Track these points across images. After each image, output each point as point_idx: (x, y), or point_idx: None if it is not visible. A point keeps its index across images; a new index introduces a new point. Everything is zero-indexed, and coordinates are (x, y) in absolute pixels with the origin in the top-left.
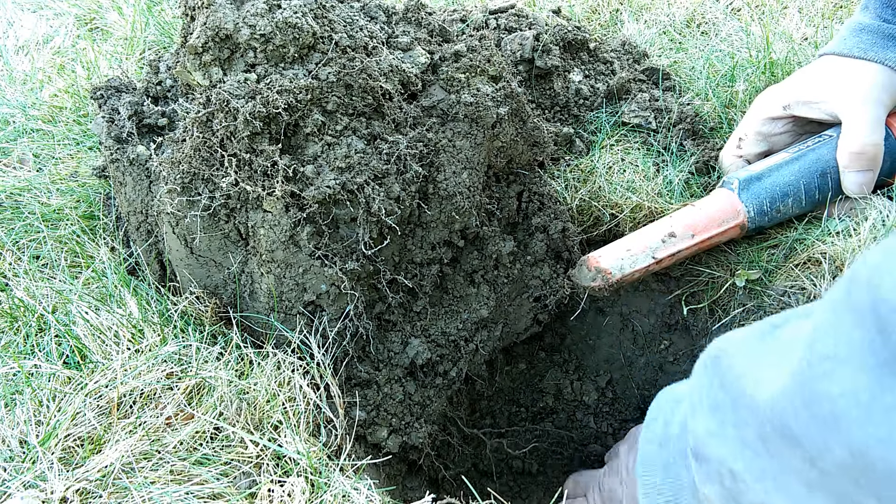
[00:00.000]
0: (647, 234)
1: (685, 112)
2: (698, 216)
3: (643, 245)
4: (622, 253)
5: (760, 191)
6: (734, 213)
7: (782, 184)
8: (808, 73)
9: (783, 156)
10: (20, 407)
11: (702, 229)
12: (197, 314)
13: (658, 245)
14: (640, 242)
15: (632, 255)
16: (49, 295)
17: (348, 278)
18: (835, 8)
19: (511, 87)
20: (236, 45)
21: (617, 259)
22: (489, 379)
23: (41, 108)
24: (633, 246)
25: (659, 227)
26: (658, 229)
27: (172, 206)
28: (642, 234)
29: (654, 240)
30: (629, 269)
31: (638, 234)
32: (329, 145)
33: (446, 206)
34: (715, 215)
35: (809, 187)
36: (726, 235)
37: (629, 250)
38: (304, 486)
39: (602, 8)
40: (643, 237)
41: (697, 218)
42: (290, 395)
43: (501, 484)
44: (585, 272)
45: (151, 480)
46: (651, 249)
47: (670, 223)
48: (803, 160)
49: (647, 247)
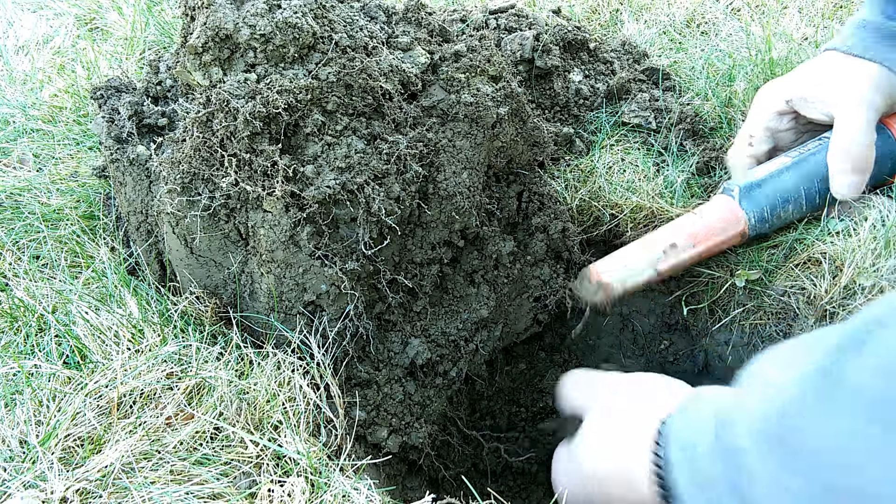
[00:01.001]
0: (648, 244)
1: (685, 112)
2: (699, 225)
3: (645, 257)
4: (624, 267)
5: (761, 198)
6: (735, 220)
7: (783, 190)
8: (809, 69)
9: (783, 160)
10: (20, 407)
11: (703, 238)
12: (197, 314)
13: (659, 257)
14: (641, 254)
15: (633, 269)
16: (49, 295)
17: (348, 278)
18: (835, 8)
19: (511, 87)
20: (236, 45)
21: (619, 273)
22: (489, 379)
23: (41, 108)
24: (635, 258)
25: (660, 236)
26: (659, 239)
27: (172, 206)
28: (643, 246)
29: (655, 251)
30: (631, 284)
31: (639, 244)
32: (329, 145)
33: (446, 206)
34: (716, 224)
35: (810, 192)
36: (727, 244)
37: (631, 264)
38: (304, 486)
39: (602, 8)
40: (644, 249)
41: (698, 227)
42: (290, 395)
43: (501, 484)
44: (587, 286)
45: (151, 480)
46: (653, 262)
47: (671, 233)
48: (804, 165)
49: (649, 259)
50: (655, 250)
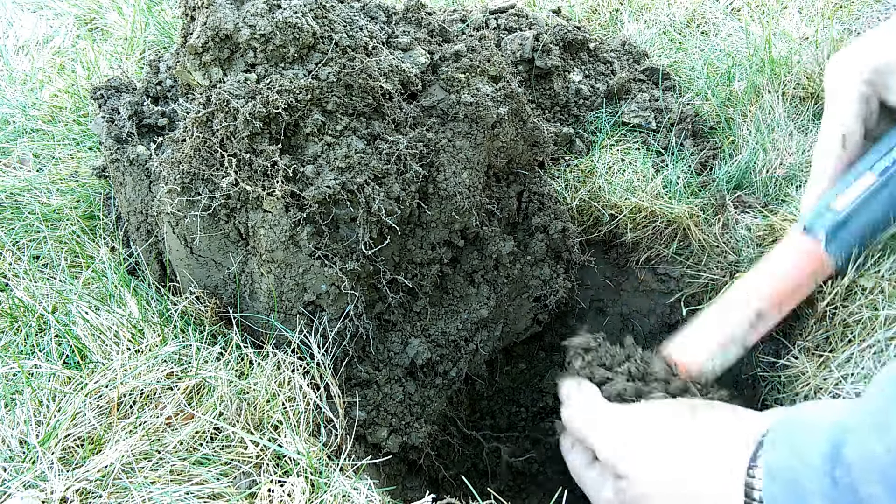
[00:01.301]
0: (728, 318)
1: (685, 112)
2: (783, 284)
3: (727, 335)
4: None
5: (849, 238)
6: (822, 270)
7: (874, 221)
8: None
9: (868, 179)
10: (20, 407)
11: (789, 298)
12: (197, 314)
13: (745, 332)
14: (722, 332)
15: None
16: (49, 295)
17: (348, 278)
18: (835, 8)
19: (511, 87)
20: (236, 45)
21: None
22: (489, 379)
23: (41, 108)
24: (716, 338)
25: (739, 306)
26: (740, 310)
27: (172, 206)
28: (722, 321)
29: (739, 327)
30: (720, 370)
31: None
32: (329, 145)
33: (446, 206)
34: (803, 280)
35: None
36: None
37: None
38: (304, 486)
39: (602, 8)
40: (724, 324)
41: (783, 286)
42: (290, 395)
43: (501, 484)
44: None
45: (151, 480)
46: (739, 339)
47: (754, 299)
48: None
49: (733, 337)
50: (740, 325)
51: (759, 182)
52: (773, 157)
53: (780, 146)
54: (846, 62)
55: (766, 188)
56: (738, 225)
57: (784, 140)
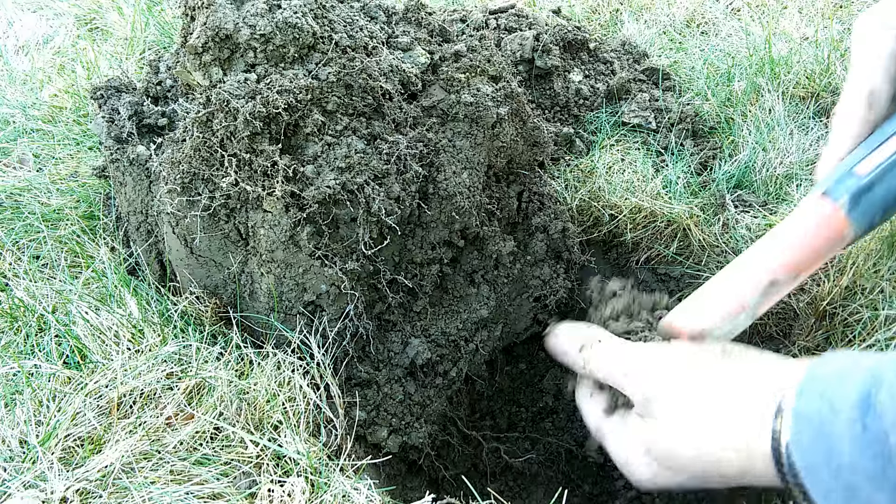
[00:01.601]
0: (739, 284)
1: (685, 112)
2: (801, 251)
3: (738, 302)
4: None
5: (872, 204)
6: (840, 238)
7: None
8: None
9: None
10: (20, 407)
11: (806, 267)
12: (197, 314)
13: (757, 301)
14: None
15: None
16: (49, 295)
17: (348, 278)
18: (835, 8)
19: (511, 87)
20: (236, 45)
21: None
22: (489, 379)
23: (41, 108)
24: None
25: (752, 272)
26: (753, 276)
27: (172, 206)
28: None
29: (752, 294)
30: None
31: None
32: (329, 145)
33: (446, 206)
34: (821, 247)
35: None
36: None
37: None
38: (304, 486)
39: (602, 8)
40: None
41: (800, 255)
42: (290, 395)
43: (501, 484)
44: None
45: (151, 480)
46: (751, 308)
47: (769, 265)
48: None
49: (743, 304)
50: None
51: (759, 181)
52: (773, 157)
53: (780, 146)
54: (876, 17)
55: (766, 188)
56: (738, 225)
57: (784, 139)
